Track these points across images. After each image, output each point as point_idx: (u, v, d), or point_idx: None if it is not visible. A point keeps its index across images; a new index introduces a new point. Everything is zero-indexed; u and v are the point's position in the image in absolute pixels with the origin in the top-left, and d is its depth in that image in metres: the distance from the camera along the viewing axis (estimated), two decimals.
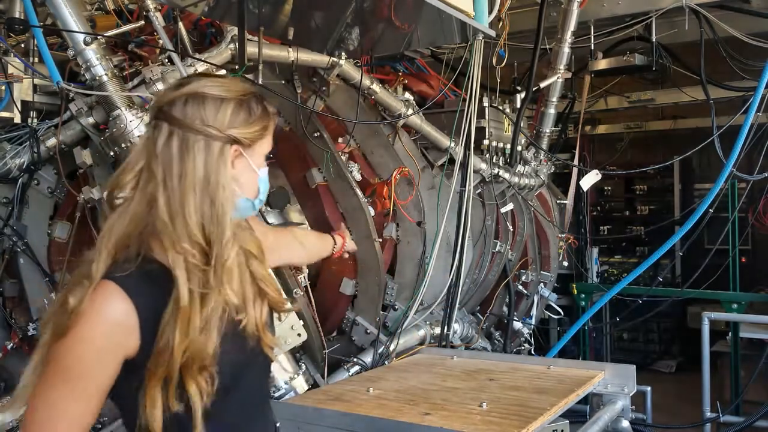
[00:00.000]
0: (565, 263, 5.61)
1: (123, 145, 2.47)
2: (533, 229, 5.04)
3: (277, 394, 2.58)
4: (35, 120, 2.70)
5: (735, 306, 5.41)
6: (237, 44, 2.74)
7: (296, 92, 3.24)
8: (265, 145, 1.45)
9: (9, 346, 2.71)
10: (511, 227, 4.55)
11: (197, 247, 1.30)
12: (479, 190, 4.23)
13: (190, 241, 1.30)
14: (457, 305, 3.55)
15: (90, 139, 2.65)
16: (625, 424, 2.51)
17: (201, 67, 2.72)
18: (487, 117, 4.30)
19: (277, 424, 1.61)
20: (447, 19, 2.34)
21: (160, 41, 2.67)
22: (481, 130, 4.21)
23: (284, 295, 1.65)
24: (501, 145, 4.48)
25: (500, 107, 4.54)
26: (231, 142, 1.36)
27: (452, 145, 3.72)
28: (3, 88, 2.56)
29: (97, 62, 2.43)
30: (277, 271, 2.67)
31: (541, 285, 5.04)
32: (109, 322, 1.27)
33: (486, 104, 4.29)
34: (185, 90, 1.36)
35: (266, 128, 1.44)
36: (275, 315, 1.56)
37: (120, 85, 2.50)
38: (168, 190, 1.30)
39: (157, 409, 1.26)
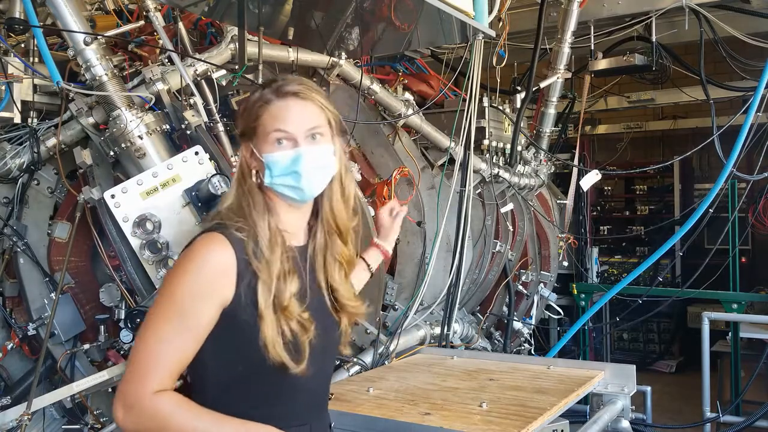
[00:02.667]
0: (565, 263, 5.61)
1: (123, 145, 2.47)
2: (533, 229, 5.04)
3: None
4: (35, 120, 2.70)
5: (735, 306, 5.41)
6: (237, 44, 2.74)
7: None
8: (268, 124, 1.50)
9: (9, 347, 2.70)
10: (511, 227, 4.55)
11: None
12: (479, 190, 4.23)
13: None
14: (457, 305, 3.54)
15: (90, 139, 2.64)
16: (625, 424, 2.51)
17: (201, 67, 2.72)
18: (487, 117, 4.30)
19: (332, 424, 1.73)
20: (447, 19, 2.34)
21: (160, 41, 2.67)
22: (481, 130, 4.21)
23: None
24: (501, 145, 4.48)
25: (500, 107, 4.54)
26: (242, 138, 1.56)
27: (452, 145, 3.72)
28: (3, 88, 2.56)
29: (97, 62, 2.43)
30: None
31: (541, 285, 5.04)
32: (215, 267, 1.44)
33: (486, 104, 4.30)
34: None
35: (259, 111, 1.51)
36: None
37: (120, 85, 2.49)
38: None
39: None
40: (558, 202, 5.70)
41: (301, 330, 1.47)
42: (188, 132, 2.55)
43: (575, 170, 5.74)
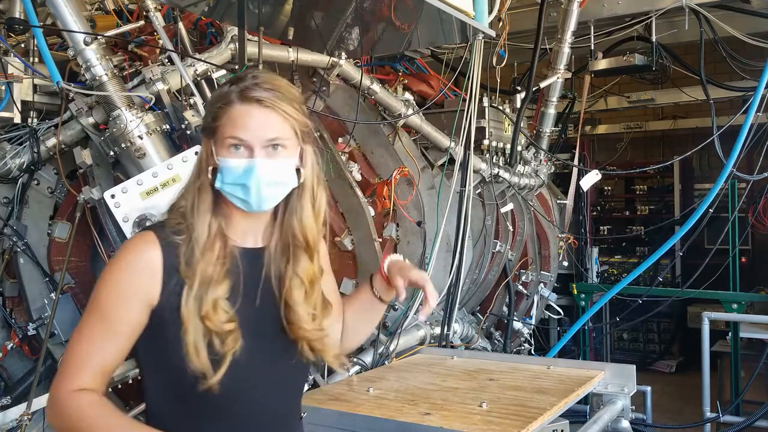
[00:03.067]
0: (565, 263, 5.61)
1: (123, 145, 2.47)
2: (533, 229, 5.04)
3: None
4: (35, 120, 2.70)
5: (735, 306, 5.41)
6: (237, 44, 2.74)
7: None
8: (226, 129, 1.41)
9: (9, 347, 2.70)
10: (511, 227, 4.55)
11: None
12: (479, 190, 4.23)
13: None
14: (457, 305, 3.54)
15: (90, 139, 2.64)
16: (625, 424, 2.51)
17: (201, 67, 2.72)
18: (487, 117, 4.30)
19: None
20: (447, 19, 2.34)
21: (160, 41, 2.67)
22: (481, 130, 4.21)
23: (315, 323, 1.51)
24: (501, 145, 4.48)
25: (500, 107, 4.54)
26: (204, 133, 1.49)
27: (452, 145, 3.72)
28: (3, 88, 2.56)
29: (97, 62, 2.43)
30: None
31: (541, 285, 5.04)
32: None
33: (486, 104, 4.29)
34: None
35: (219, 112, 1.43)
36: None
37: (120, 85, 2.49)
38: None
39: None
40: (558, 202, 5.70)
41: (219, 341, 1.37)
42: (188, 132, 2.55)
43: (575, 170, 5.74)
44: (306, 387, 2.67)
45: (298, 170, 1.47)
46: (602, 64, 5.32)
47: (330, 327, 1.58)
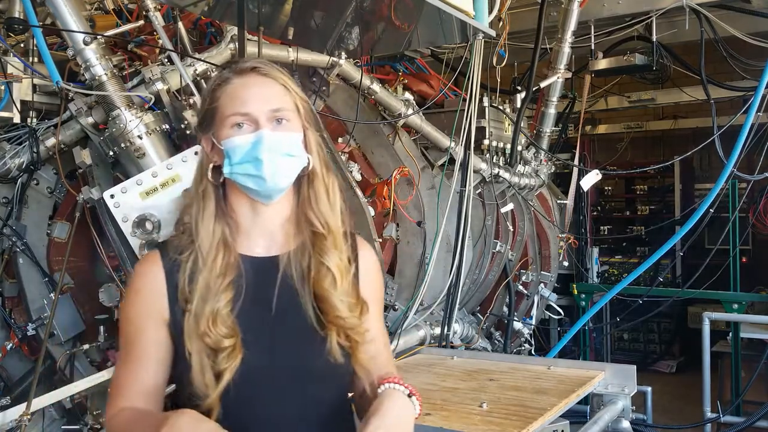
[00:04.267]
0: (566, 263, 5.60)
1: (122, 145, 2.46)
2: (533, 229, 5.03)
3: None
4: (35, 120, 2.69)
5: (735, 306, 5.41)
6: (237, 44, 2.73)
7: None
8: (226, 107, 1.36)
9: (8, 347, 2.70)
10: (511, 227, 4.54)
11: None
12: (479, 190, 4.23)
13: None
14: (457, 305, 3.54)
15: (89, 139, 2.64)
16: (626, 424, 2.50)
17: (201, 67, 2.72)
18: (487, 117, 4.30)
19: None
20: (447, 19, 2.33)
21: (160, 41, 2.67)
22: (481, 130, 4.21)
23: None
24: (501, 145, 4.48)
25: (500, 107, 4.54)
26: (201, 129, 1.45)
27: (452, 145, 3.71)
28: (2, 87, 2.55)
29: (96, 62, 2.43)
30: None
31: (542, 285, 5.04)
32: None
33: (486, 104, 4.29)
34: None
35: (216, 93, 1.38)
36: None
37: (119, 85, 2.49)
38: None
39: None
40: (558, 202, 5.70)
41: (213, 357, 1.31)
42: (188, 132, 2.55)
43: (575, 170, 5.73)
44: None
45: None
46: (602, 63, 5.32)
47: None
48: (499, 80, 4.45)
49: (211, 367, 1.32)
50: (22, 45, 2.75)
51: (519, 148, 4.68)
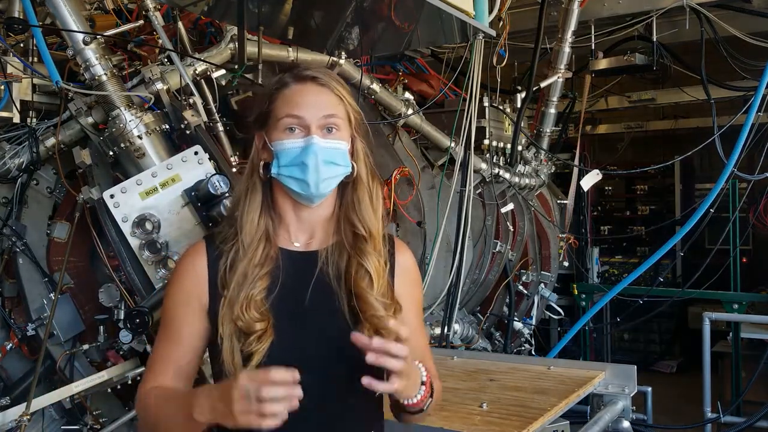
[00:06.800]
0: (566, 263, 5.60)
1: (122, 145, 2.46)
2: (533, 229, 5.03)
3: None
4: (34, 120, 2.69)
5: (736, 306, 5.41)
6: (237, 44, 2.73)
7: None
8: (281, 109, 1.44)
9: (8, 347, 2.70)
10: (511, 227, 4.54)
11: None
12: (479, 190, 4.22)
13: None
14: (457, 305, 3.54)
15: (89, 139, 2.64)
16: (626, 424, 2.50)
17: (200, 67, 2.72)
18: (487, 117, 4.30)
19: None
20: (447, 19, 2.33)
21: (160, 41, 2.67)
22: (481, 130, 4.21)
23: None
24: (501, 145, 4.48)
25: (500, 107, 4.54)
26: (255, 126, 1.51)
27: (452, 145, 3.71)
28: (2, 87, 2.55)
29: (96, 62, 2.43)
30: None
31: (542, 285, 5.04)
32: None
33: (486, 104, 4.29)
34: None
35: (274, 95, 1.46)
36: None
37: (119, 85, 2.49)
38: None
39: None
40: (558, 202, 5.69)
41: (244, 339, 1.38)
42: (188, 132, 2.54)
43: (576, 170, 5.72)
44: None
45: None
46: (603, 63, 5.31)
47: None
48: (499, 80, 4.44)
49: (241, 349, 1.38)
50: (21, 45, 2.74)
51: (519, 148, 4.68)
